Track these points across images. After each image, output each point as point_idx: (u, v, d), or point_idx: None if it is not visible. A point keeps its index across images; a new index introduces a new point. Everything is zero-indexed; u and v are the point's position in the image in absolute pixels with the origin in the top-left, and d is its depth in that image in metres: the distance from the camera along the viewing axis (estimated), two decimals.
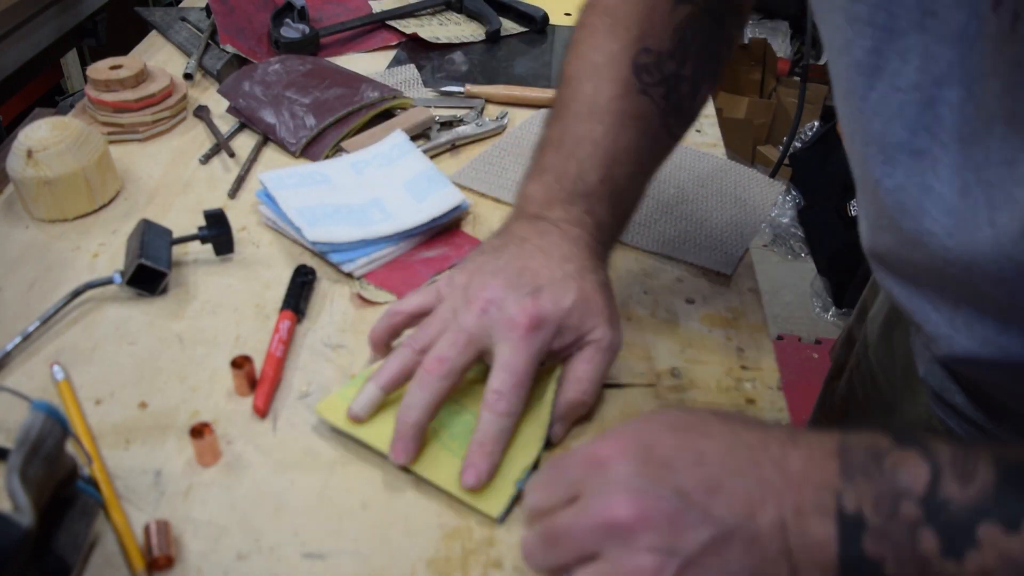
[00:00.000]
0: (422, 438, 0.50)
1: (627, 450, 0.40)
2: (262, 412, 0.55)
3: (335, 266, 0.67)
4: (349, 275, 0.67)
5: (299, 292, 0.64)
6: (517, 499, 0.50)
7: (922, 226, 0.42)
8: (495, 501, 0.49)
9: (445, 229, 0.73)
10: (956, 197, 0.40)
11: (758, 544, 0.37)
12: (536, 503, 0.43)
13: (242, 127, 0.87)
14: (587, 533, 0.39)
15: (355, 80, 0.89)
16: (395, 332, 0.56)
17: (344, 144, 0.83)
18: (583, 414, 0.55)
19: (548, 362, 0.54)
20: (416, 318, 0.54)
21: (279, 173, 0.74)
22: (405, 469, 0.51)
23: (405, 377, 0.51)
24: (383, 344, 0.56)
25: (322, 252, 0.68)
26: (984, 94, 0.38)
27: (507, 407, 0.50)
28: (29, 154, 0.69)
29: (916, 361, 0.59)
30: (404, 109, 0.89)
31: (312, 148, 0.83)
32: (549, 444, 0.53)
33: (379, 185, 0.74)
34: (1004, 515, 0.33)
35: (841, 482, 0.36)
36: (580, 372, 0.53)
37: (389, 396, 0.53)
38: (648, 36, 0.57)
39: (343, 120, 0.85)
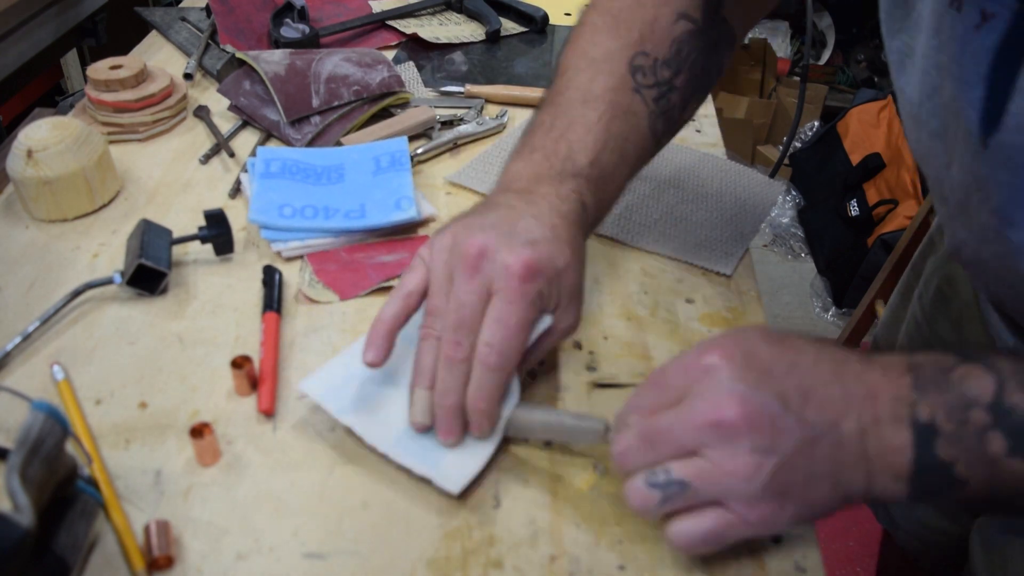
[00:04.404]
0: (463, 416, 0.50)
1: (731, 357, 0.42)
2: (269, 412, 0.55)
3: (304, 257, 0.69)
4: (276, 252, 0.70)
5: (271, 294, 0.64)
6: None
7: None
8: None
9: (408, 237, 0.72)
10: None
11: (841, 449, 0.40)
12: (639, 404, 0.45)
13: (243, 126, 0.87)
14: (691, 431, 0.41)
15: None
16: (409, 314, 0.53)
17: (344, 140, 0.83)
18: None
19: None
20: (423, 294, 0.52)
21: (275, 152, 0.78)
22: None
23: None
24: (397, 330, 0.52)
25: (258, 226, 0.71)
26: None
27: (498, 361, 0.48)
28: (29, 154, 0.69)
29: (988, 329, 0.60)
30: (402, 108, 0.90)
31: (316, 143, 0.83)
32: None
33: (348, 193, 0.75)
34: None
35: (915, 394, 0.39)
36: (537, 348, 0.52)
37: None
38: (647, 40, 0.59)
39: (346, 116, 0.85)
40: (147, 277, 0.64)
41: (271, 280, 0.65)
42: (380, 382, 0.54)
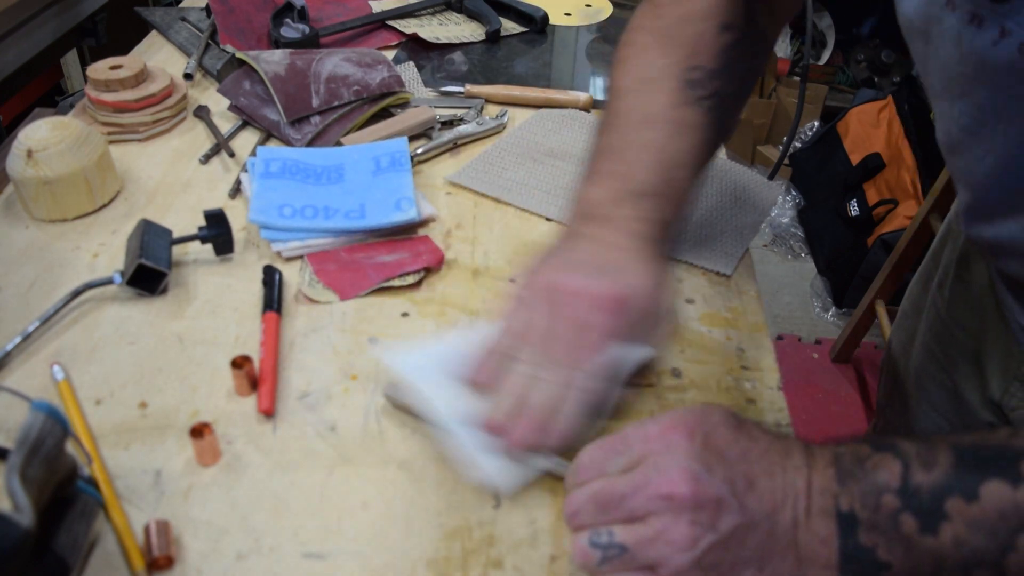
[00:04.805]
0: (541, 432, 0.50)
1: (692, 436, 0.44)
2: (269, 412, 0.55)
3: (304, 257, 0.69)
4: (276, 253, 0.70)
5: (271, 294, 0.64)
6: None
7: None
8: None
9: (408, 237, 0.72)
10: None
11: (773, 537, 0.42)
12: (594, 460, 0.46)
13: (243, 126, 0.87)
14: (643, 499, 0.43)
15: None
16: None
17: (344, 140, 0.83)
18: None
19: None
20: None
21: (274, 152, 0.78)
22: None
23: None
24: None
25: (257, 226, 0.71)
26: None
27: (592, 386, 0.51)
28: (29, 154, 0.69)
29: (1003, 311, 0.63)
30: (402, 108, 0.89)
31: (316, 143, 0.83)
32: None
33: (347, 193, 0.75)
34: (963, 489, 0.40)
35: (837, 487, 0.42)
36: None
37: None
38: (697, 55, 0.61)
39: (346, 116, 0.85)
40: (147, 277, 0.64)
41: (271, 280, 0.65)
42: (457, 379, 0.54)
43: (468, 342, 0.54)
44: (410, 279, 0.67)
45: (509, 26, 1.12)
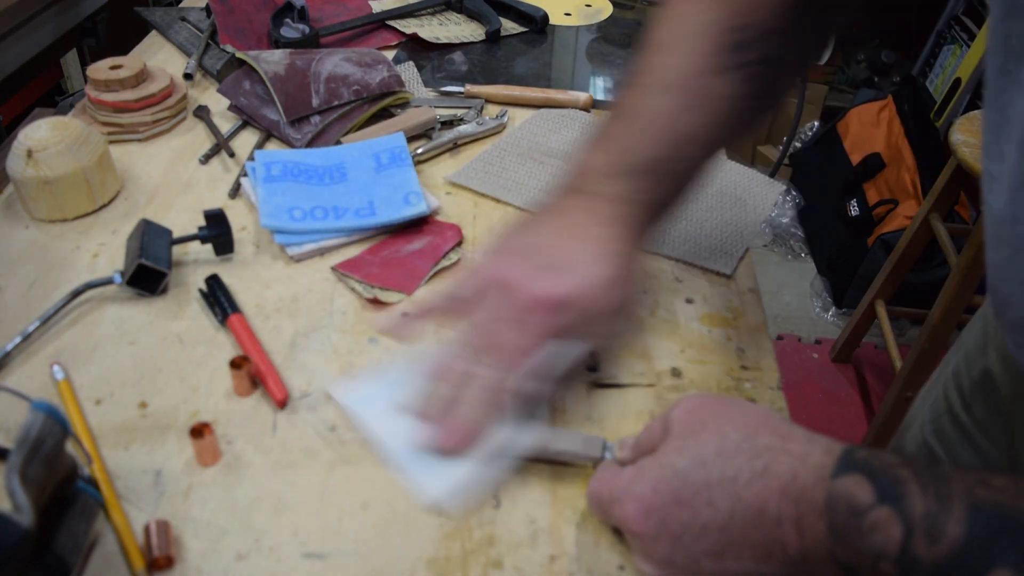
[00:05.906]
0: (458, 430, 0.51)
1: (651, 512, 0.43)
2: (285, 402, 0.56)
3: (335, 270, 0.68)
4: (291, 256, 0.67)
5: (221, 299, 0.64)
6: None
7: None
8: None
9: (419, 226, 0.73)
10: None
11: None
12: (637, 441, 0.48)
13: (243, 126, 0.87)
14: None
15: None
16: (451, 313, 0.54)
17: (343, 140, 0.83)
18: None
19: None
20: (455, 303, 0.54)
21: (272, 155, 0.77)
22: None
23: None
24: (433, 316, 0.55)
25: (269, 230, 0.70)
26: None
27: (496, 385, 0.50)
28: (29, 154, 0.69)
29: None
30: (402, 108, 0.89)
31: (316, 143, 0.83)
32: None
33: (353, 192, 0.75)
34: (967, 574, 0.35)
35: (831, 542, 0.39)
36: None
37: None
38: (751, 10, 0.52)
39: (346, 115, 0.85)
40: (147, 277, 0.64)
41: (215, 289, 0.64)
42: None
43: (416, 369, 0.54)
44: (453, 257, 0.69)
45: (509, 26, 1.12)
